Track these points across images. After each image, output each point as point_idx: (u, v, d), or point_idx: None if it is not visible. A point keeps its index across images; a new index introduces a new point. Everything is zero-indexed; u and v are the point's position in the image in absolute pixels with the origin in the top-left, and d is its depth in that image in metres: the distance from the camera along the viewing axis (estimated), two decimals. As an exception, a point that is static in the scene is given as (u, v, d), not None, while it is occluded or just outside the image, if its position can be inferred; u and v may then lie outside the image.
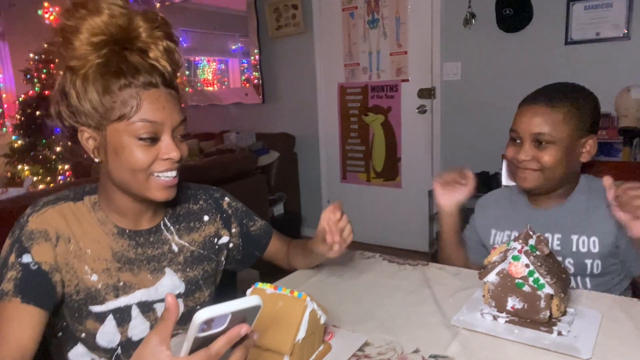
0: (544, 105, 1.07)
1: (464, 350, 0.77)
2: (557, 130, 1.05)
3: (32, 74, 4.69)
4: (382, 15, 3.37)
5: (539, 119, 1.06)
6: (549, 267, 0.80)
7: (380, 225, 3.60)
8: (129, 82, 0.78)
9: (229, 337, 0.55)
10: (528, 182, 1.10)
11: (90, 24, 0.77)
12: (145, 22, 0.81)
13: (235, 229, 1.06)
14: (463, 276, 1.06)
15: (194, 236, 0.98)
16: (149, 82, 0.79)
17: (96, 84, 0.78)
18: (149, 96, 0.79)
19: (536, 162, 1.07)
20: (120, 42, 0.80)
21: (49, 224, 0.84)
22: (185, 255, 0.96)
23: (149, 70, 0.79)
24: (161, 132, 0.81)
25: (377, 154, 3.58)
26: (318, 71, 3.72)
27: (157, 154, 0.81)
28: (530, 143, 1.08)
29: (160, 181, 0.83)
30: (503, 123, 3.24)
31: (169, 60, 0.83)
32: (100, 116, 0.80)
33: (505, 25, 2.87)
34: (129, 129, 0.79)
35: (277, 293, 0.73)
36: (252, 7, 3.94)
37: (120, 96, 0.78)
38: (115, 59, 0.78)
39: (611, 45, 2.61)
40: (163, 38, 0.83)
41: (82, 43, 0.77)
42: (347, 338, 0.81)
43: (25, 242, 0.82)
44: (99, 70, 0.78)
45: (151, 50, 0.81)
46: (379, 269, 1.14)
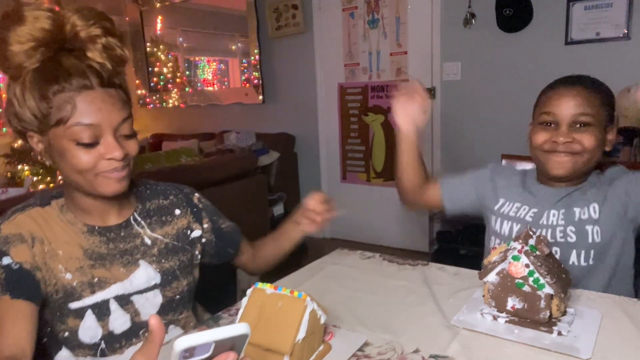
0: (584, 88, 1.07)
1: (464, 350, 0.77)
2: (597, 112, 1.05)
3: (32, 74, 4.69)
4: (382, 15, 3.37)
5: (579, 100, 1.05)
6: (549, 267, 0.80)
7: (380, 225, 3.60)
8: (62, 87, 0.78)
9: None
10: (564, 167, 1.08)
11: (17, 33, 0.77)
12: (81, 20, 0.80)
13: (207, 224, 1.07)
14: (463, 276, 1.06)
15: (166, 229, 1.00)
16: (82, 85, 0.78)
17: (33, 91, 0.79)
18: (83, 99, 0.78)
19: (577, 144, 1.05)
20: (55, 45, 0.79)
21: (22, 228, 0.85)
22: (160, 247, 0.97)
23: (83, 72, 0.79)
24: (100, 134, 0.80)
25: (377, 154, 3.58)
26: (318, 71, 3.72)
27: (100, 155, 0.81)
28: (568, 125, 1.06)
29: (109, 176, 0.83)
30: (503, 123, 3.25)
31: (109, 58, 0.82)
32: (39, 122, 0.81)
33: (505, 25, 2.87)
34: (67, 133, 0.79)
35: (277, 293, 0.73)
36: (252, 7, 3.94)
37: (55, 101, 0.78)
38: (49, 65, 0.79)
39: (611, 45, 2.61)
40: (102, 35, 0.82)
41: (14, 52, 0.78)
42: (347, 338, 0.81)
43: (2, 247, 0.83)
44: (34, 77, 0.79)
45: (88, 50, 0.81)
46: (379, 269, 1.14)
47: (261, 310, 0.71)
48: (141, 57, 4.89)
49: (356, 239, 3.63)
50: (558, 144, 1.06)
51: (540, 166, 1.14)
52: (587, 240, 1.06)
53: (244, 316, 0.73)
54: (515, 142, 2.76)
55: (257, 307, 0.72)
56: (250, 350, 0.71)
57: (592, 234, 1.06)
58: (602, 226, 1.06)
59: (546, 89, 1.13)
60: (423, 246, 3.37)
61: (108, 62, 0.82)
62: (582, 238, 1.06)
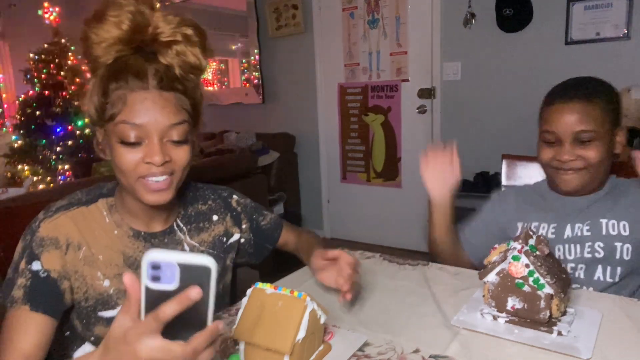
0: (580, 101, 1.03)
1: (464, 350, 0.77)
2: (598, 125, 1.02)
3: (32, 74, 4.69)
4: (382, 15, 3.37)
5: (579, 116, 1.03)
6: (549, 267, 0.80)
7: (380, 225, 3.60)
8: (119, 85, 0.78)
9: (179, 300, 0.51)
10: (573, 183, 1.06)
11: (98, 31, 0.79)
12: (164, 23, 0.81)
13: (245, 224, 1.07)
14: (463, 276, 1.06)
15: (203, 236, 0.99)
16: (138, 85, 0.78)
17: (99, 85, 0.80)
18: (135, 98, 0.78)
19: (581, 161, 1.04)
20: (132, 44, 0.81)
21: (60, 231, 0.84)
22: (185, 250, 0.96)
23: (144, 73, 0.79)
24: (146, 135, 0.79)
25: (377, 154, 3.58)
26: (318, 71, 3.72)
27: (141, 157, 0.80)
28: (571, 142, 1.04)
29: (147, 184, 0.81)
30: (503, 123, 3.25)
31: (180, 63, 0.82)
32: (98, 116, 0.81)
33: (505, 25, 2.87)
34: (115, 130, 0.79)
35: (277, 293, 0.73)
36: (252, 7, 3.94)
37: (112, 97, 0.79)
38: (118, 62, 0.80)
39: (611, 45, 2.61)
40: (180, 41, 0.82)
41: (94, 48, 0.80)
42: (347, 338, 0.81)
43: (36, 249, 0.82)
44: (104, 72, 0.80)
45: (160, 53, 0.81)
46: (379, 269, 1.14)
47: (261, 310, 0.71)
48: (141, 57, 4.88)
49: (356, 239, 3.63)
50: (562, 162, 1.05)
51: (551, 181, 1.13)
52: (614, 257, 1.05)
53: (243, 316, 0.73)
54: (515, 142, 2.76)
55: (257, 307, 0.72)
56: (250, 350, 0.72)
57: (622, 251, 1.05)
58: (633, 244, 1.04)
59: (546, 102, 1.10)
60: (423, 246, 3.36)
61: (177, 67, 0.81)
62: (610, 254, 1.05)
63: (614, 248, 1.05)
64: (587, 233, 1.07)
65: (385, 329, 0.84)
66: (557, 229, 1.11)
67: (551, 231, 1.11)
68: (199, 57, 0.83)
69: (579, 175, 1.06)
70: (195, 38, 0.83)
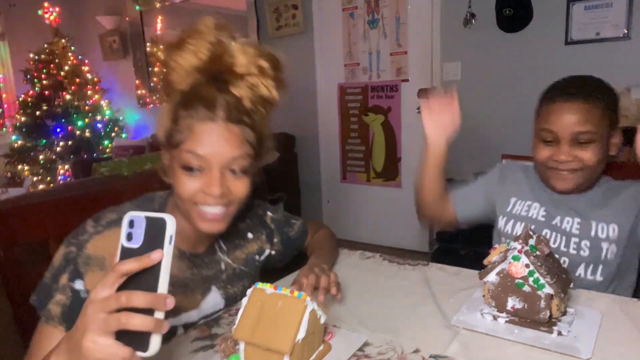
0: (581, 102, 1.01)
1: (464, 350, 0.77)
2: (598, 127, 1.01)
3: (32, 74, 4.69)
4: (382, 15, 3.37)
5: (579, 117, 1.01)
6: (549, 267, 0.80)
7: (380, 225, 3.60)
8: (189, 113, 0.80)
9: (140, 259, 0.54)
10: (567, 184, 1.06)
11: (177, 59, 0.80)
12: (240, 55, 0.81)
13: (277, 238, 1.09)
14: (463, 276, 1.06)
15: (237, 254, 1.00)
16: (206, 116, 0.79)
17: (170, 111, 0.82)
18: (202, 129, 0.79)
19: (577, 162, 1.03)
20: (209, 73, 0.81)
21: (108, 251, 0.82)
22: (228, 272, 0.98)
23: (213, 104, 0.79)
24: (207, 165, 0.80)
25: (377, 154, 3.58)
26: (318, 71, 3.72)
27: (201, 186, 0.80)
28: (569, 143, 1.03)
29: (202, 212, 0.82)
30: (503, 123, 3.25)
31: (252, 96, 0.82)
32: (166, 140, 0.83)
33: (505, 25, 2.87)
34: (179, 156, 0.80)
35: (277, 293, 0.73)
36: (252, 7, 3.94)
37: (180, 125, 0.80)
38: (192, 90, 0.81)
39: (611, 45, 2.61)
40: (255, 74, 0.82)
41: (171, 75, 0.82)
42: (347, 338, 0.81)
43: (81, 267, 0.81)
44: (177, 99, 0.82)
45: (233, 85, 0.81)
46: (379, 269, 1.14)
47: (261, 310, 0.71)
48: (141, 57, 4.89)
49: (356, 239, 3.63)
50: (559, 162, 1.04)
51: (544, 180, 1.13)
52: (599, 257, 1.05)
53: (243, 316, 0.72)
54: (515, 142, 2.76)
55: (257, 307, 0.72)
56: (250, 350, 0.72)
57: (607, 252, 1.05)
58: (619, 245, 1.05)
59: (546, 99, 1.09)
60: (423, 246, 3.37)
61: (248, 100, 0.82)
62: (595, 254, 1.05)
63: (600, 249, 1.06)
64: (576, 231, 1.08)
65: (385, 329, 0.84)
66: (548, 214, 1.12)
67: (542, 214, 1.13)
68: (272, 90, 0.84)
69: (574, 176, 1.05)
70: (270, 71, 0.83)
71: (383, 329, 0.84)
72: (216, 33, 0.81)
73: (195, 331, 0.87)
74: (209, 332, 0.87)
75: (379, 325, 0.86)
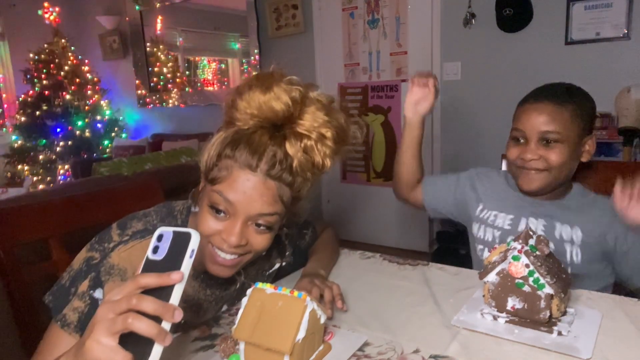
0: (551, 103, 1.05)
1: (464, 350, 0.77)
2: (565, 128, 1.04)
3: (32, 74, 4.70)
4: (382, 15, 3.37)
5: (547, 117, 1.05)
6: (549, 267, 0.80)
7: (380, 225, 3.60)
8: (233, 155, 0.78)
9: (159, 276, 0.54)
10: (533, 184, 1.08)
11: (253, 97, 0.79)
12: (310, 116, 0.80)
13: (288, 251, 1.09)
14: (463, 276, 1.06)
15: (248, 270, 1.00)
16: (248, 164, 0.77)
17: (219, 144, 0.80)
18: (239, 176, 0.77)
19: (543, 162, 1.06)
20: (273, 124, 0.80)
21: (131, 263, 0.82)
22: (237, 287, 0.99)
23: (260, 154, 0.77)
24: (233, 212, 0.78)
25: (377, 154, 3.58)
26: (318, 71, 3.72)
27: (221, 229, 0.79)
28: (536, 142, 1.06)
29: (214, 255, 0.81)
30: (503, 123, 3.24)
31: (302, 159, 0.79)
32: (205, 170, 0.82)
33: (505, 25, 2.87)
34: (210, 194, 0.79)
35: (277, 293, 0.73)
36: (252, 7, 3.94)
37: (222, 163, 0.79)
38: (248, 132, 0.79)
39: (611, 45, 2.61)
40: (313, 139, 0.80)
41: (238, 109, 0.80)
42: (347, 338, 0.81)
43: (103, 276, 0.80)
44: (230, 134, 0.80)
45: (289, 142, 0.79)
46: (379, 269, 1.14)
47: (261, 310, 0.71)
48: (141, 57, 4.89)
49: (356, 239, 3.63)
50: (525, 161, 1.07)
51: (515, 180, 1.15)
52: (565, 259, 1.07)
53: (243, 316, 0.72)
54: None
55: (257, 307, 0.72)
56: (250, 350, 0.72)
57: (572, 255, 1.07)
58: (582, 250, 1.06)
59: (520, 102, 1.13)
60: (423, 246, 3.37)
61: (297, 160, 0.79)
62: (559, 255, 1.06)
63: (564, 251, 1.07)
64: (540, 232, 1.09)
65: (385, 329, 0.84)
66: (514, 220, 1.14)
67: (508, 222, 1.14)
68: (326, 159, 0.82)
69: (540, 176, 1.07)
70: (331, 142, 0.81)
71: (383, 329, 0.84)
72: (300, 92, 0.79)
73: (195, 331, 0.87)
74: (209, 332, 0.87)
75: (379, 325, 0.86)
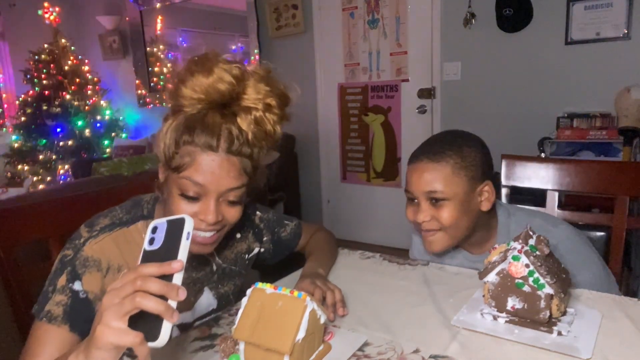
0: (428, 161, 1.02)
1: (464, 350, 0.77)
2: (448, 186, 1.01)
3: (32, 74, 4.69)
4: (382, 15, 3.37)
5: (428, 176, 1.02)
6: (549, 267, 0.80)
7: (380, 225, 3.60)
8: (191, 140, 0.80)
9: (160, 265, 0.55)
10: (435, 246, 1.06)
11: (196, 82, 0.80)
12: (251, 89, 0.82)
13: (266, 237, 1.10)
14: (463, 276, 1.06)
15: (226, 253, 1.02)
16: (208, 145, 0.79)
17: (173, 132, 0.82)
18: (203, 158, 0.79)
19: (436, 222, 1.03)
20: (217, 102, 0.82)
21: (104, 254, 0.85)
22: (218, 272, 1.00)
23: (217, 134, 0.79)
24: (204, 193, 0.81)
25: (377, 154, 3.58)
26: (318, 71, 3.72)
27: (195, 212, 0.81)
28: (426, 202, 1.03)
29: (194, 235, 0.82)
30: (503, 123, 3.25)
31: (255, 130, 0.82)
32: (165, 160, 0.83)
33: (505, 25, 2.87)
34: (177, 181, 0.81)
35: (277, 293, 0.73)
36: (252, 7, 3.94)
37: (181, 150, 0.80)
38: (198, 115, 0.81)
39: (611, 45, 2.61)
40: (261, 110, 0.82)
41: (183, 94, 0.81)
42: (347, 338, 0.81)
43: (79, 269, 0.83)
44: (181, 121, 0.82)
45: (240, 116, 0.82)
46: (379, 269, 1.14)
47: (261, 310, 0.71)
48: (141, 57, 4.89)
49: (356, 239, 3.63)
50: (419, 223, 1.05)
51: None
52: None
53: (243, 316, 0.73)
54: (515, 142, 2.76)
55: (257, 307, 0.72)
56: (250, 350, 0.72)
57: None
58: None
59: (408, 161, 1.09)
60: (423, 246, 3.37)
61: (251, 133, 0.82)
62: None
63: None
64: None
65: (385, 329, 0.84)
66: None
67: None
68: (275, 126, 0.84)
69: (437, 237, 1.05)
70: (277, 110, 0.84)
71: (383, 329, 0.84)
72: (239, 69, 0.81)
73: (195, 331, 0.87)
74: (209, 332, 0.87)
75: (379, 325, 0.86)
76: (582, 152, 2.44)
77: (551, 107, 2.67)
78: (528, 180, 1.34)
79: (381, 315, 0.90)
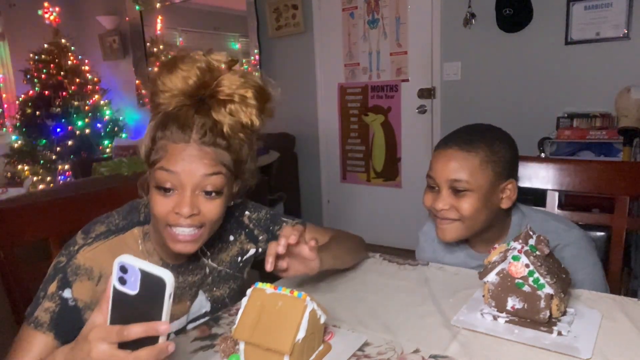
0: (458, 149, 1.01)
1: (464, 350, 0.77)
2: (474, 177, 0.99)
3: (32, 74, 4.69)
4: (382, 15, 3.37)
5: (455, 165, 1.00)
6: (549, 267, 0.80)
7: (380, 225, 3.60)
8: (164, 134, 0.81)
9: (146, 327, 0.55)
10: (448, 235, 1.05)
11: (166, 81, 0.82)
12: (227, 81, 0.83)
13: (262, 236, 1.08)
14: (463, 276, 1.06)
15: (222, 256, 1.02)
16: (180, 138, 0.80)
17: (151, 130, 0.83)
18: (175, 148, 0.80)
19: (455, 212, 1.02)
20: (195, 97, 0.83)
21: (97, 262, 0.85)
22: (214, 275, 1.00)
23: (189, 126, 0.80)
24: (179, 184, 0.81)
25: (377, 154, 3.58)
26: (318, 71, 3.72)
27: (172, 206, 0.81)
28: (447, 190, 1.02)
29: (173, 233, 0.83)
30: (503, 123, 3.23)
31: (230, 122, 0.82)
32: (145, 158, 0.85)
33: (505, 25, 2.87)
34: (154, 175, 0.82)
35: (277, 293, 0.73)
36: (252, 7, 3.94)
37: (156, 145, 0.82)
38: (174, 111, 0.82)
39: (611, 45, 2.61)
40: (237, 101, 0.83)
41: (159, 95, 0.83)
42: (347, 338, 0.81)
43: (70, 276, 0.84)
44: (159, 119, 0.83)
45: (214, 109, 0.82)
46: (379, 269, 1.14)
47: (261, 310, 0.71)
48: (141, 57, 4.88)
49: (356, 239, 3.63)
50: (437, 210, 1.04)
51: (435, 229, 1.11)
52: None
53: (243, 316, 0.73)
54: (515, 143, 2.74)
55: (257, 307, 0.72)
56: (250, 350, 0.72)
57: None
58: None
59: (435, 146, 1.09)
60: (423, 246, 3.37)
61: (226, 125, 0.82)
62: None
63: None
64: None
65: (385, 329, 0.84)
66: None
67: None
68: (253, 117, 0.85)
69: (453, 226, 1.04)
70: (253, 101, 0.84)
71: (383, 329, 0.84)
72: (207, 61, 0.82)
73: (195, 331, 0.87)
74: (209, 332, 0.87)
75: (378, 325, 0.86)
76: (582, 152, 2.44)
77: (551, 107, 2.67)
78: (528, 180, 1.34)
79: (381, 315, 0.90)
